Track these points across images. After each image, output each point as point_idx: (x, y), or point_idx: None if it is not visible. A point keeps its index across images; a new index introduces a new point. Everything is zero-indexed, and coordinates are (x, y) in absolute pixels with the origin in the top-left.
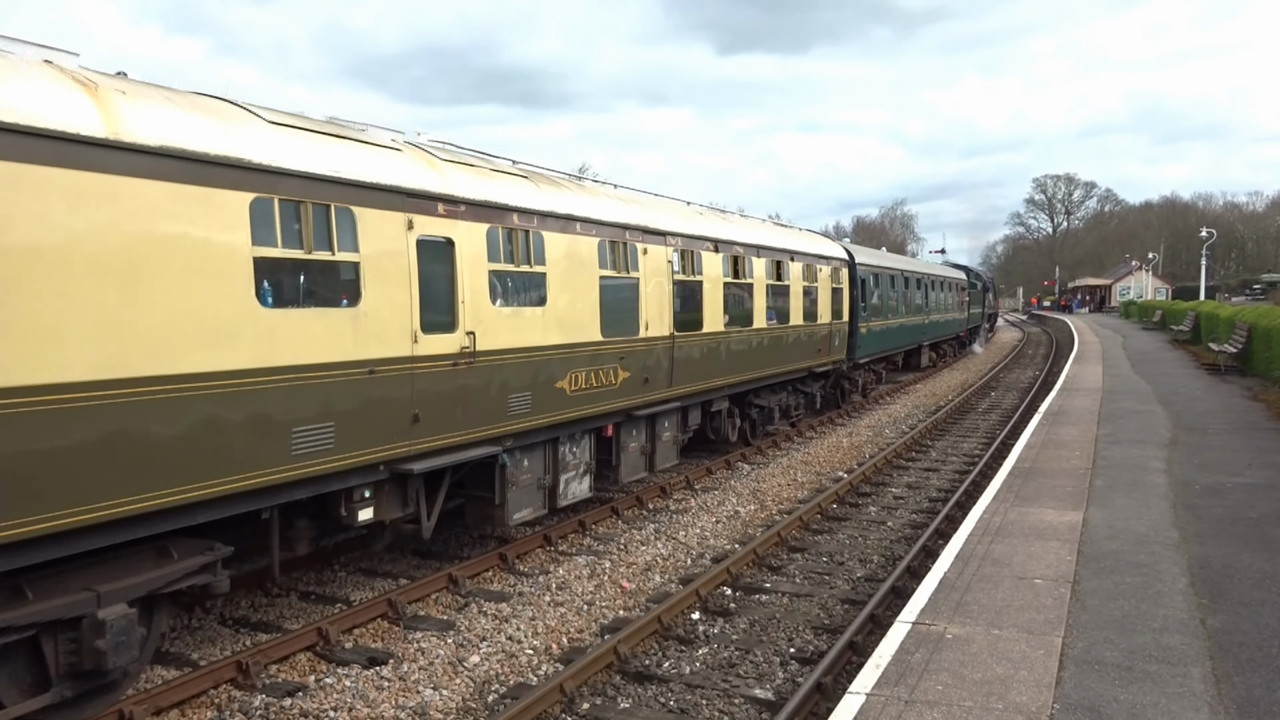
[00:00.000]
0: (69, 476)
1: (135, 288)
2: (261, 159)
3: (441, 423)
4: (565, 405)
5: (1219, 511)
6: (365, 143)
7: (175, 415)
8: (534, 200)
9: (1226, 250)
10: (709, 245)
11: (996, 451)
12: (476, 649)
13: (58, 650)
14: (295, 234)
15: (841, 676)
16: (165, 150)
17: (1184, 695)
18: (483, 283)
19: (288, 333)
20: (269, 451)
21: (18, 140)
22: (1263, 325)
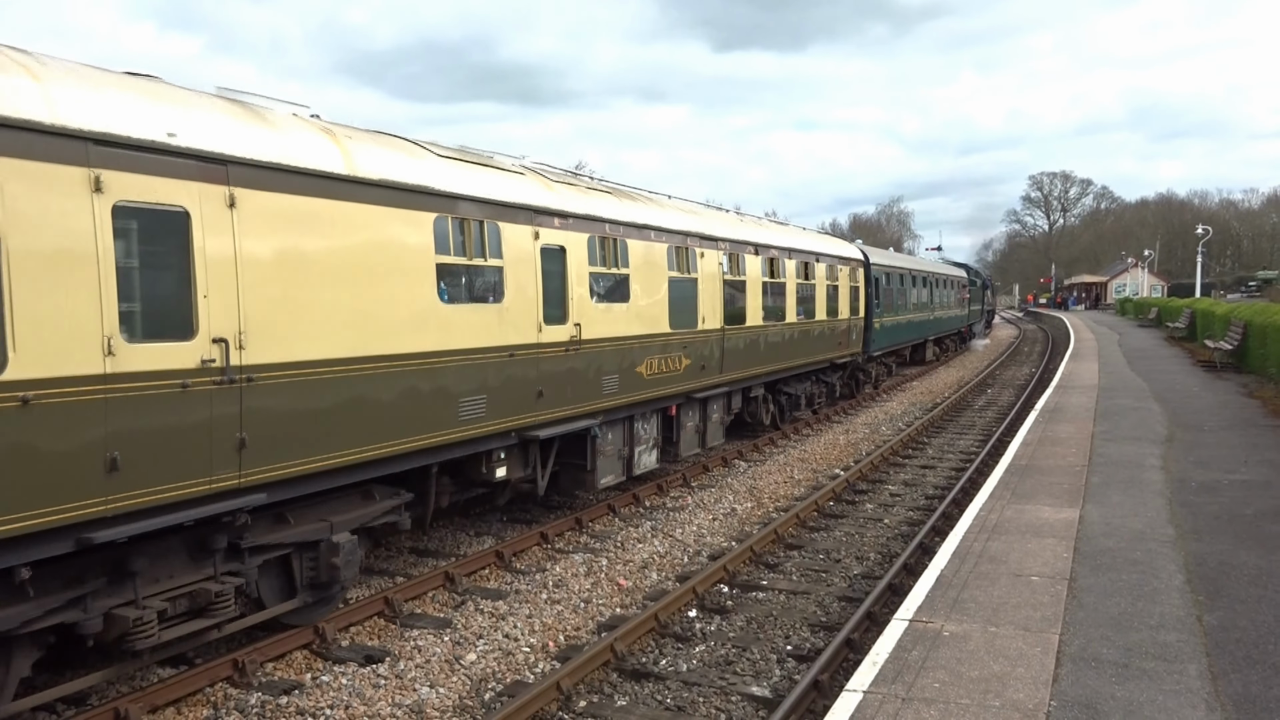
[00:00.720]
0: (329, 429)
1: (367, 288)
2: (440, 186)
3: (557, 398)
4: (642, 387)
5: (1215, 508)
6: (501, 169)
7: (391, 385)
8: (620, 213)
9: (1222, 247)
10: (750, 249)
11: (993, 449)
12: (473, 647)
13: (303, 566)
14: (461, 244)
15: (839, 674)
16: (382, 182)
17: (1180, 692)
18: (585, 283)
19: (457, 323)
20: (444, 416)
21: (297, 179)
22: (1258, 322)
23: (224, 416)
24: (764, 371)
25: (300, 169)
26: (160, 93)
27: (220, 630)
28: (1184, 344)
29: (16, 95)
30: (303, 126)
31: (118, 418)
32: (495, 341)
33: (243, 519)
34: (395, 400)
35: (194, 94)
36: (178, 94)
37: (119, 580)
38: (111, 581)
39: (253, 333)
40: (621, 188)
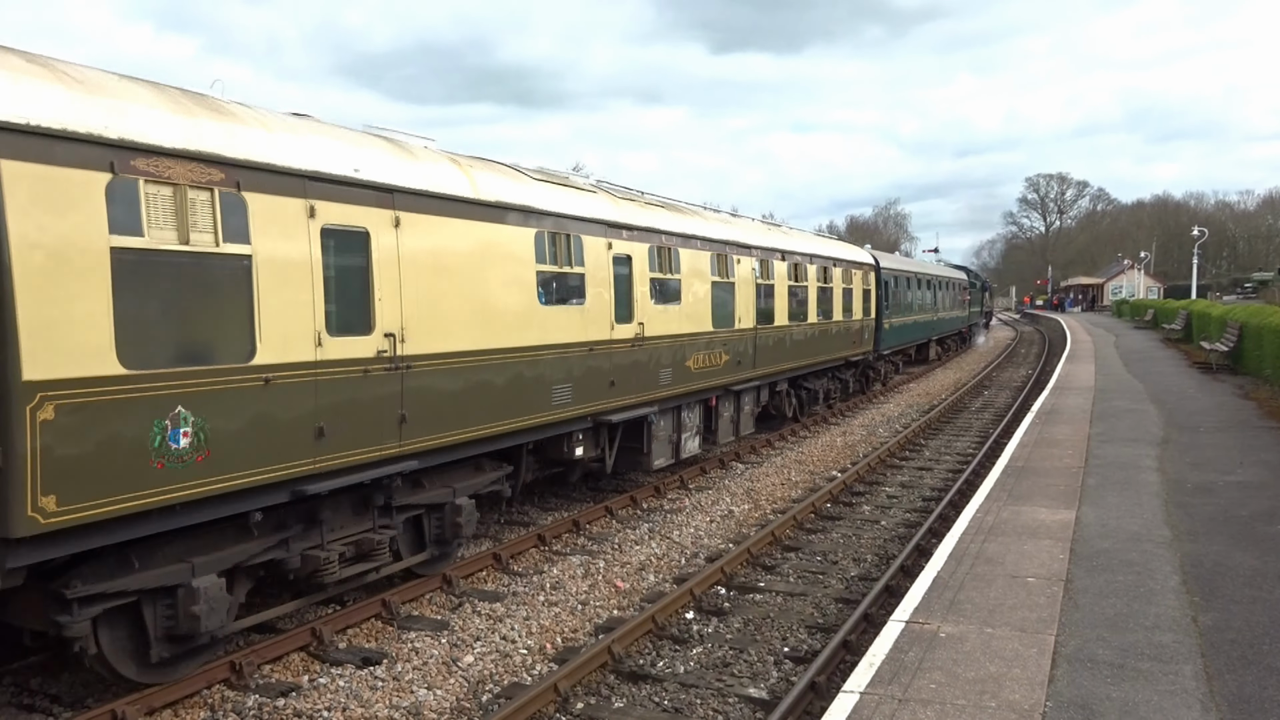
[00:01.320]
0: (459, 410)
1: (487, 292)
2: (538, 205)
3: (625, 388)
4: (690, 379)
5: (1211, 510)
6: (579, 189)
7: (503, 373)
8: (672, 225)
9: (1218, 249)
10: (778, 255)
11: (990, 450)
12: (471, 649)
13: (431, 523)
14: (554, 255)
15: (835, 675)
16: (498, 203)
17: (1176, 692)
18: (646, 287)
19: (551, 321)
20: (541, 401)
21: (439, 203)
22: (1254, 324)
23: (390, 396)
24: (789, 367)
25: (441, 194)
26: (344, 135)
27: (378, 573)
28: (1180, 346)
29: (260, 144)
30: (438, 158)
31: (324, 395)
32: (579, 338)
33: (396, 481)
34: (506, 386)
35: (361, 134)
36: (353, 135)
37: (310, 528)
38: (305, 528)
39: (410, 329)
40: (671, 202)
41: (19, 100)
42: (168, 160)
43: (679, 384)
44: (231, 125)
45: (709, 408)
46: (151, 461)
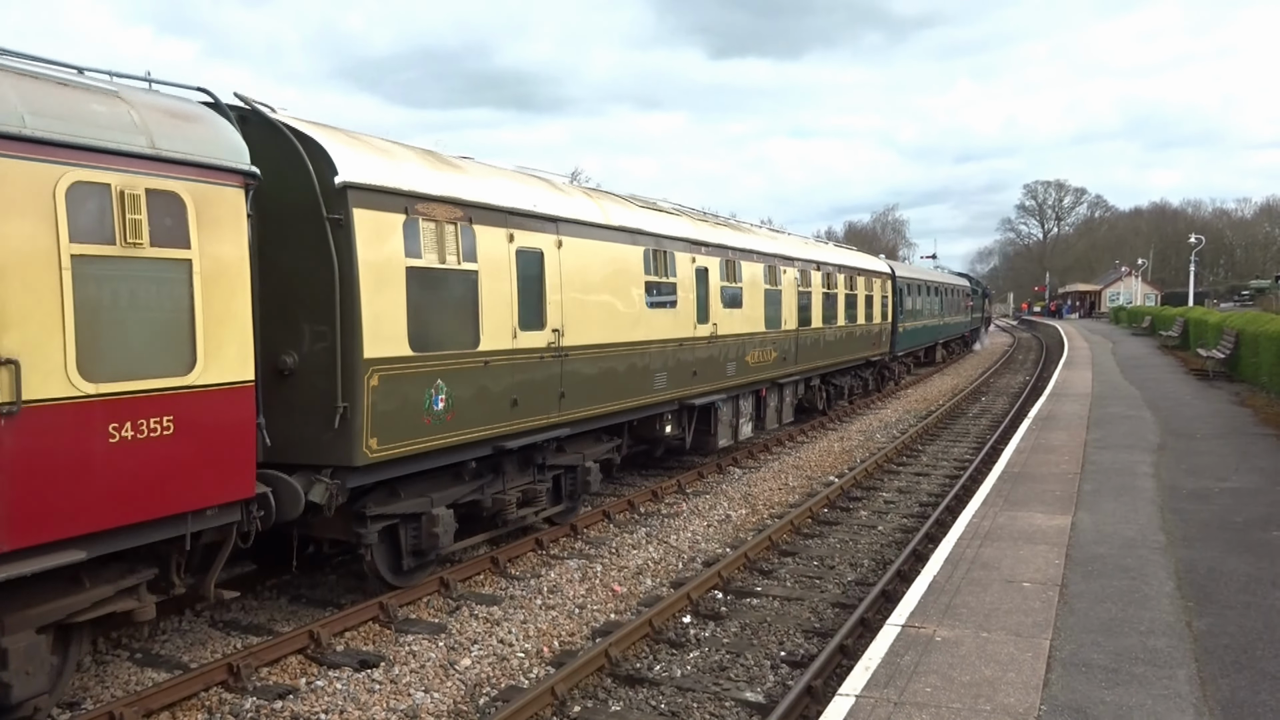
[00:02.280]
0: (594, 390)
1: (613, 297)
2: (646, 228)
3: (703, 378)
4: (748, 372)
5: (1206, 516)
6: (668, 213)
7: (622, 362)
8: (736, 241)
9: (1215, 256)
10: (814, 265)
11: (986, 456)
12: (468, 652)
13: (566, 481)
14: (656, 267)
15: (832, 679)
16: (620, 227)
17: (1170, 697)
18: (718, 293)
19: (654, 321)
20: (645, 386)
21: (583, 228)
22: (1250, 331)
23: (554, 377)
24: (822, 365)
25: (585, 221)
26: (522, 178)
27: (537, 515)
28: (1177, 352)
29: (481, 190)
30: (579, 191)
31: (517, 375)
32: (672, 335)
33: (551, 445)
34: (624, 372)
35: (528, 175)
36: (523, 177)
37: (496, 478)
38: (494, 478)
39: (566, 326)
40: (734, 222)
41: (360, 168)
42: (433, 204)
43: (739, 376)
44: (463, 177)
45: (760, 398)
46: (424, 418)
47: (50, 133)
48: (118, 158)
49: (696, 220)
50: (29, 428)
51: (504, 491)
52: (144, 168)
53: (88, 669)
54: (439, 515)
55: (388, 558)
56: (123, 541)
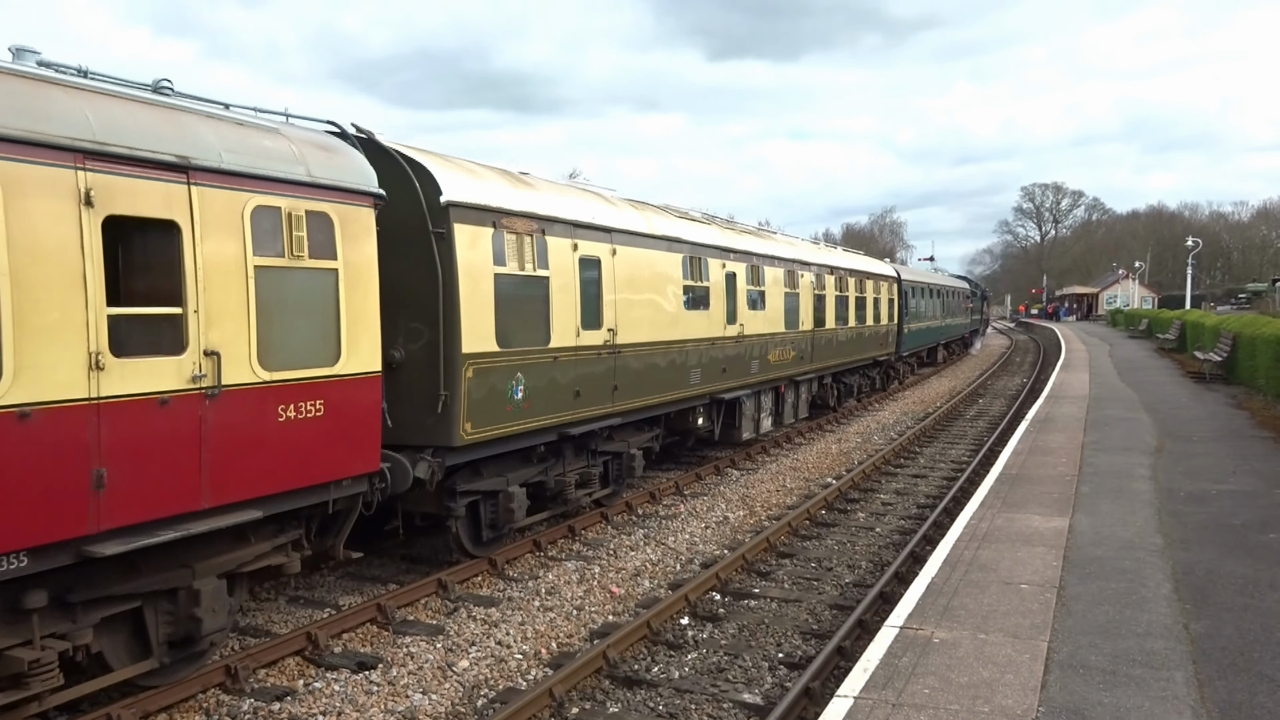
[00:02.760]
0: (640, 384)
1: (655, 299)
2: (684, 236)
3: (731, 374)
4: (770, 370)
5: (1203, 518)
6: (699, 222)
7: (663, 359)
8: (760, 248)
9: (1212, 259)
10: (828, 270)
11: (984, 458)
12: (466, 654)
13: (613, 466)
14: (692, 272)
15: (830, 681)
16: (662, 236)
17: (1167, 699)
18: (744, 296)
19: (690, 322)
20: (682, 381)
21: (630, 236)
22: (1247, 334)
23: (608, 371)
24: (834, 364)
25: (633, 231)
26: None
27: (590, 495)
28: (1174, 355)
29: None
30: (627, 204)
31: (580, 369)
32: (705, 334)
33: (604, 433)
34: (665, 369)
35: (584, 189)
36: (582, 191)
37: (557, 461)
38: (555, 461)
39: (620, 326)
40: (759, 229)
41: (459, 188)
42: (515, 218)
43: (762, 373)
44: (537, 193)
45: (779, 394)
46: (507, 406)
47: (239, 166)
48: (286, 185)
49: (724, 228)
50: (225, 407)
51: (564, 474)
52: (304, 193)
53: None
54: (514, 492)
55: (469, 530)
56: (285, 504)
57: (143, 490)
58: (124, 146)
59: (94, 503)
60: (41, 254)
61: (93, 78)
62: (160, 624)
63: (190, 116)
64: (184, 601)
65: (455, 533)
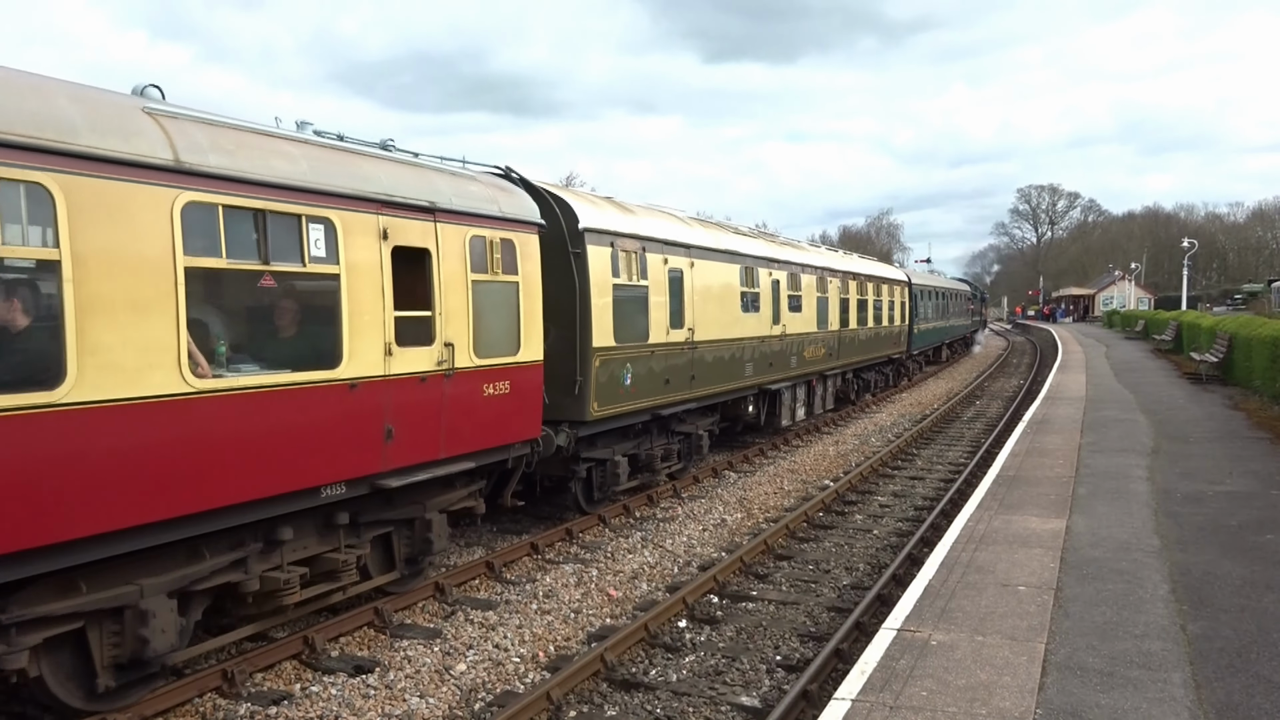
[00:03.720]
0: (711, 375)
1: (721, 302)
2: (740, 250)
3: (775, 368)
4: (805, 365)
5: (1200, 519)
6: (749, 235)
7: (727, 353)
8: (797, 258)
9: (1208, 260)
10: (851, 276)
11: (981, 460)
12: (463, 657)
13: (682, 446)
14: (747, 280)
15: (827, 683)
16: (725, 250)
17: (1164, 700)
18: (785, 300)
19: (745, 322)
20: (739, 373)
21: (702, 251)
22: (1243, 335)
23: (688, 364)
24: (855, 360)
25: (705, 246)
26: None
27: (668, 469)
28: (1170, 356)
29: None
30: (697, 224)
31: (668, 361)
32: (756, 333)
33: (681, 415)
34: (728, 362)
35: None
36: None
37: (646, 438)
38: (646, 439)
39: (697, 325)
40: (794, 242)
41: (590, 217)
42: (625, 239)
43: (799, 368)
44: (638, 219)
45: (810, 387)
46: (620, 390)
47: (462, 206)
48: (487, 219)
49: (769, 241)
50: (456, 384)
51: (652, 449)
52: (497, 225)
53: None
54: (619, 461)
55: (584, 491)
56: (485, 459)
57: (411, 442)
58: (402, 197)
59: (385, 450)
60: (361, 274)
61: (348, 140)
62: (402, 545)
63: (431, 172)
64: (419, 529)
65: (575, 493)
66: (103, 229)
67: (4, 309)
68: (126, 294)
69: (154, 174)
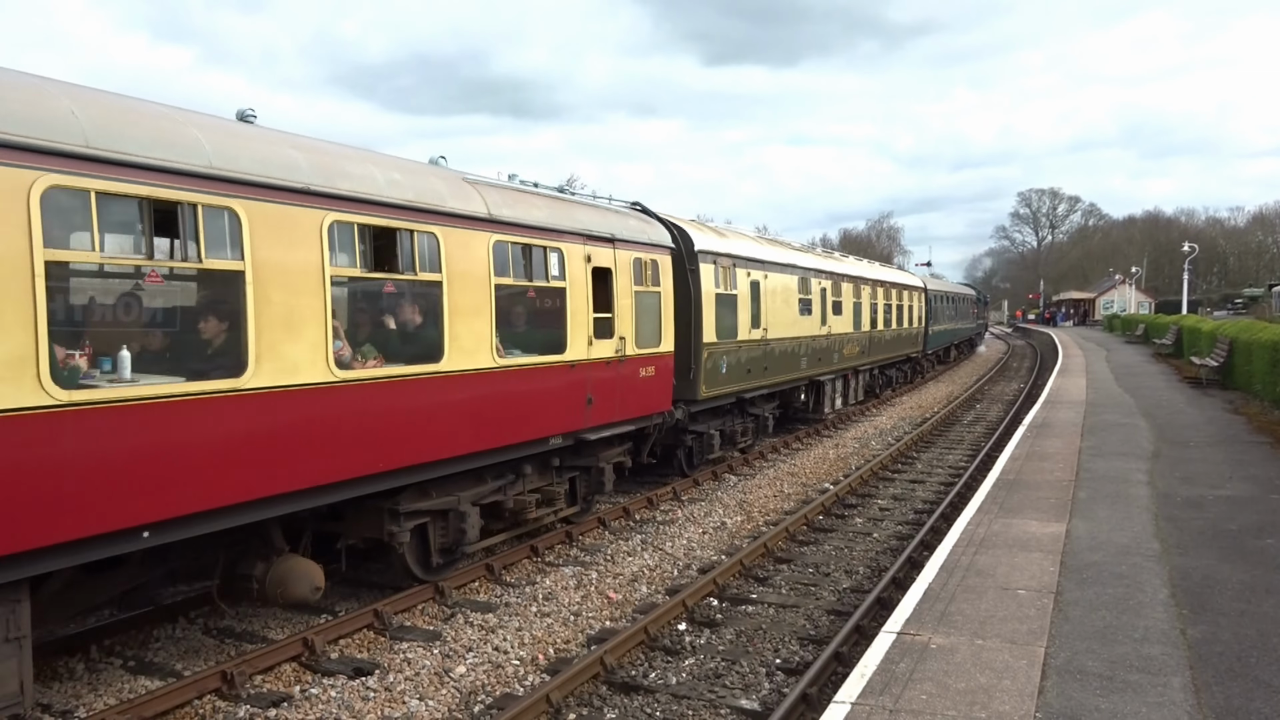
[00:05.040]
0: (776, 366)
1: (785, 307)
2: (798, 263)
3: (822, 362)
4: (844, 361)
5: (1200, 523)
6: (801, 250)
7: (786, 349)
8: (838, 269)
9: (1209, 265)
10: (879, 284)
11: (981, 463)
12: (463, 659)
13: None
14: (803, 289)
15: (827, 687)
16: (788, 264)
17: (1164, 704)
18: (830, 305)
19: (801, 323)
20: (797, 366)
21: (767, 265)
22: (1243, 339)
23: (763, 356)
24: (881, 358)
25: (774, 261)
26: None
27: (749, 443)
28: (1171, 360)
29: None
30: (766, 242)
31: (750, 354)
32: (810, 333)
33: (756, 399)
34: (789, 356)
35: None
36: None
37: (731, 418)
38: (730, 418)
39: (769, 326)
40: (836, 255)
41: (702, 241)
42: (722, 257)
43: (839, 363)
44: (729, 240)
45: (846, 380)
46: (718, 377)
47: (630, 236)
48: (642, 245)
49: (817, 254)
50: (626, 367)
51: (735, 426)
52: (648, 250)
53: (80, 677)
54: (714, 434)
55: (686, 457)
56: (638, 424)
57: (601, 408)
58: (597, 232)
59: (586, 412)
60: (576, 287)
61: (542, 188)
62: (582, 486)
63: (610, 213)
64: (594, 474)
65: (680, 460)
66: (461, 260)
67: (408, 313)
68: (471, 302)
69: (478, 223)
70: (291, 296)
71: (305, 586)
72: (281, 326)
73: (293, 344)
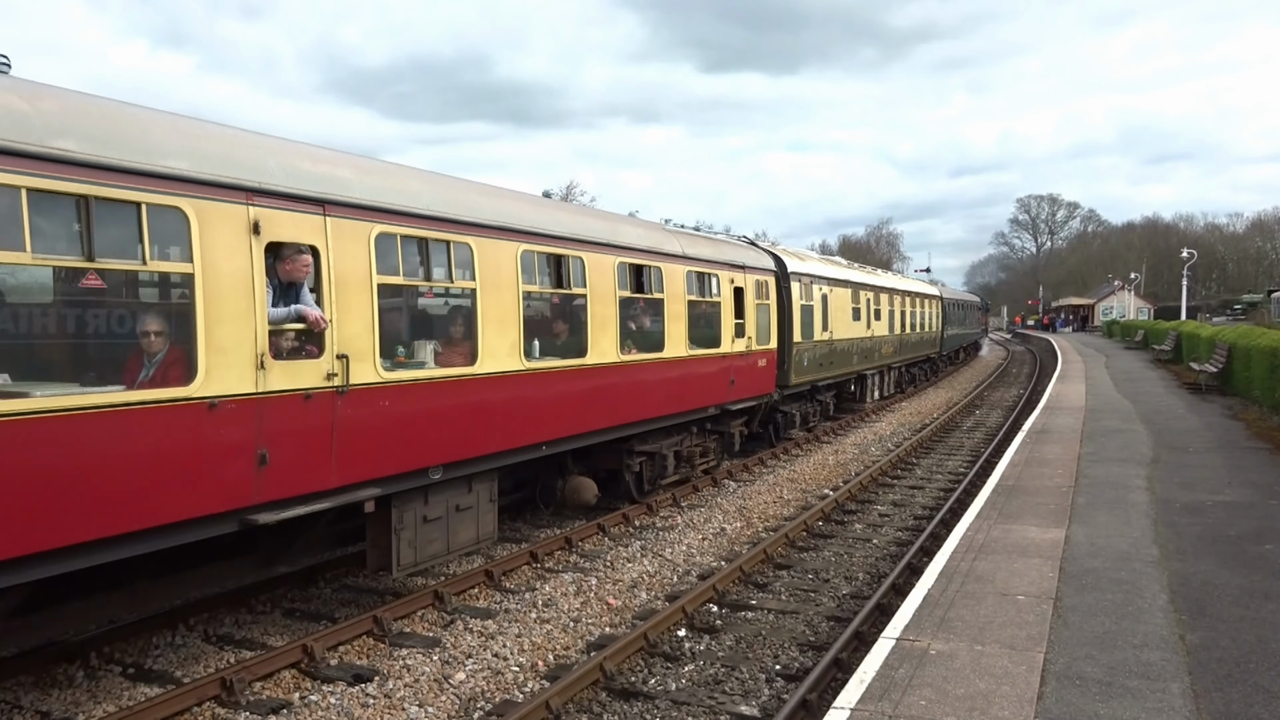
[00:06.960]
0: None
1: (841, 312)
2: (850, 279)
3: (867, 360)
4: (882, 359)
5: (1199, 529)
6: (848, 265)
7: (842, 349)
8: (876, 282)
9: (1208, 271)
10: (907, 294)
11: (981, 469)
12: (462, 666)
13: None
14: (854, 299)
15: (827, 692)
16: (844, 280)
17: (1163, 710)
18: (873, 312)
19: (853, 327)
20: (849, 362)
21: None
22: (1242, 345)
23: (828, 354)
24: (908, 358)
25: (834, 278)
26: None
27: (811, 424)
28: (1170, 366)
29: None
30: (828, 261)
31: (820, 351)
32: (857, 335)
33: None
34: (846, 354)
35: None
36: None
37: (807, 402)
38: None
39: (833, 329)
40: (876, 270)
41: (793, 264)
42: (803, 276)
43: (879, 361)
44: (807, 263)
45: (882, 375)
46: (802, 369)
47: (753, 264)
48: (758, 269)
49: (862, 270)
50: (749, 358)
51: (808, 408)
52: (762, 273)
53: (80, 684)
54: (795, 413)
55: (774, 433)
56: (752, 402)
57: (739, 387)
58: (737, 261)
59: (729, 390)
60: (725, 301)
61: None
62: (714, 448)
63: (742, 248)
64: (726, 438)
65: (770, 433)
66: (673, 284)
67: (645, 320)
68: (675, 310)
69: (679, 259)
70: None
71: (589, 493)
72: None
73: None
